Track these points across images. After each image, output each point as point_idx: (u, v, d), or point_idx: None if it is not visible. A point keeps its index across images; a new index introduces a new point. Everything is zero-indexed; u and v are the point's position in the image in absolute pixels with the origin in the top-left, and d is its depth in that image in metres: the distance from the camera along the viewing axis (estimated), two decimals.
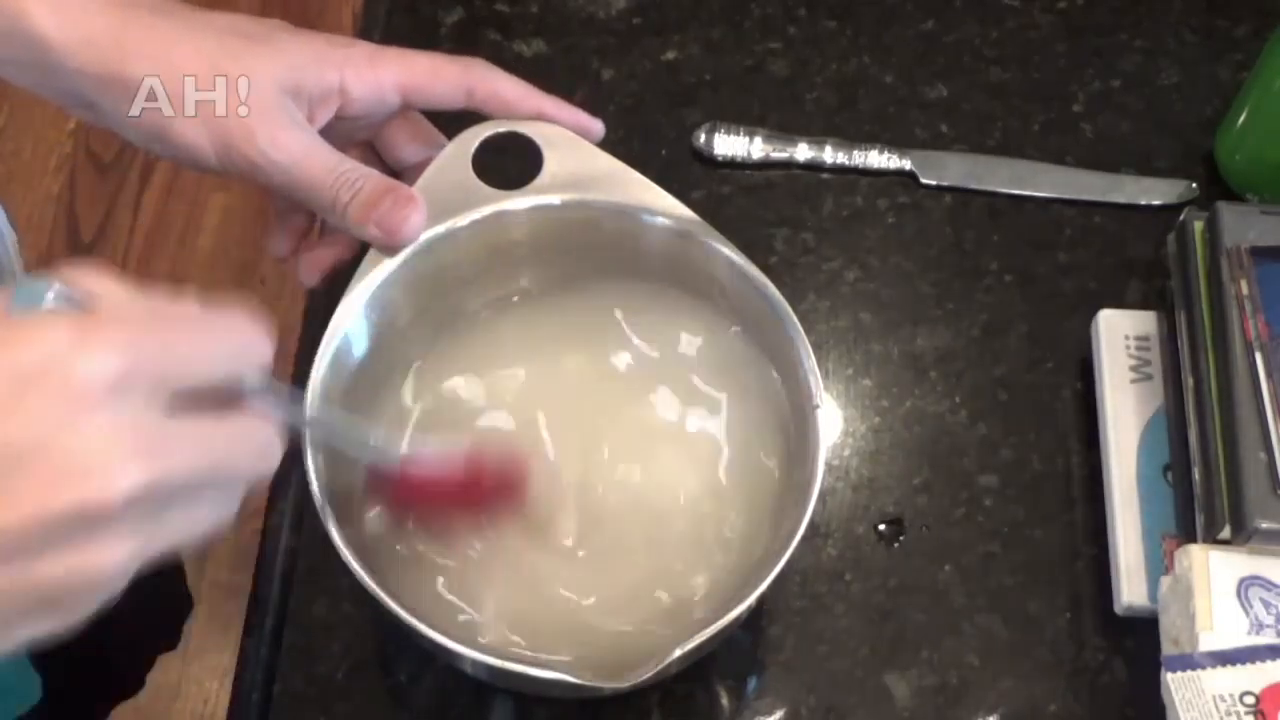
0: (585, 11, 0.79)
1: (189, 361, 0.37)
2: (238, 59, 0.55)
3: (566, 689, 0.51)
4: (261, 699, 0.60)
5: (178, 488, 0.36)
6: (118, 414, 0.34)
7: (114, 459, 0.34)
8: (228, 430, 0.39)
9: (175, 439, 0.36)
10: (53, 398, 0.34)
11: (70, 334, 0.35)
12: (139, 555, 0.36)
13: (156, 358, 0.36)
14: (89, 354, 0.34)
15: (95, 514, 0.34)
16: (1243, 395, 0.58)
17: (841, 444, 0.67)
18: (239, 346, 0.40)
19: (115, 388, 0.34)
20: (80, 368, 0.34)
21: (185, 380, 0.37)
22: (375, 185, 0.56)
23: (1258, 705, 0.54)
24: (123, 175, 1.73)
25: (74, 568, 0.34)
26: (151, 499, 0.35)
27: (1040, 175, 0.75)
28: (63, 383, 0.34)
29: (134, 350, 0.35)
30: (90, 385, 0.34)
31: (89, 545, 0.34)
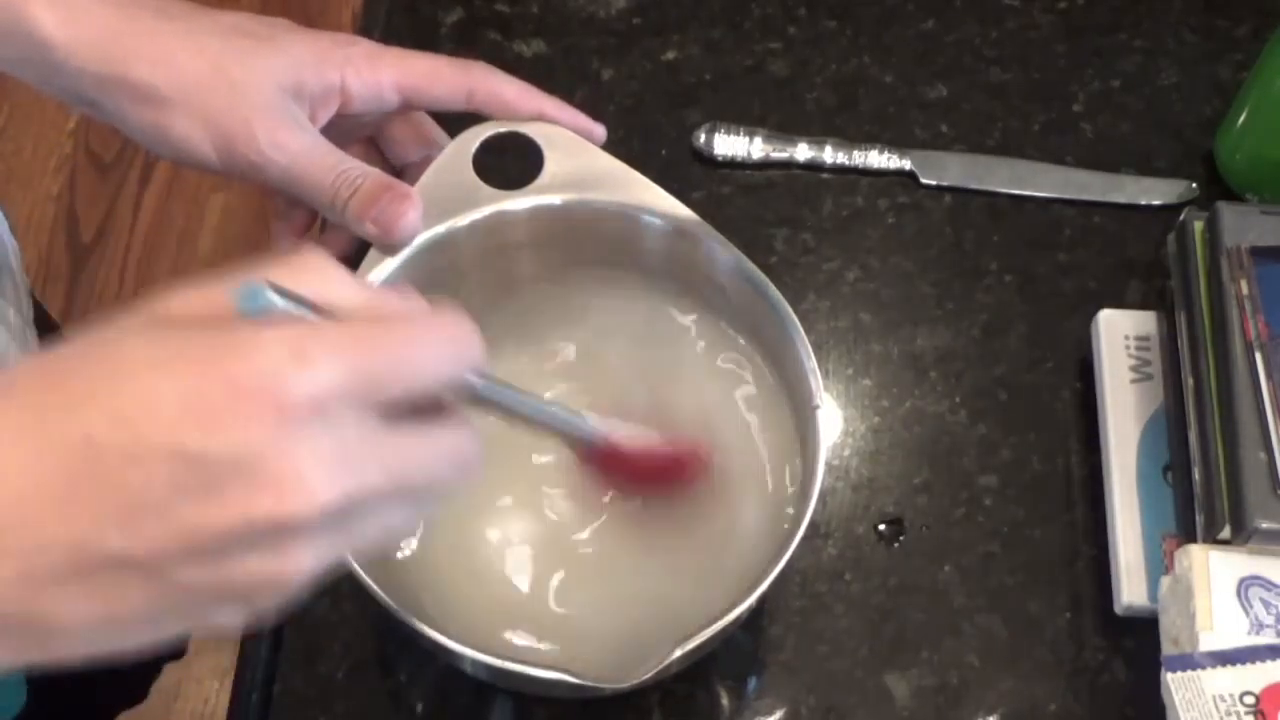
0: (585, 11, 0.79)
1: (403, 376, 0.38)
2: (240, 58, 0.55)
3: (567, 689, 0.51)
4: (261, 699, 0.60)
5: (375, 502, 0.37)
6: (324, 431, 0.35)
7: (315, 476, 0.35)
8: (431, 444, 0.39)
9: (377, 454, 0.37)
10: (263, 414, 0.34)
11: (288, 350, 0.35)
12: (327, 560, 0.37)
13: (371, 375, 0.37)
14: (303, 373, 0.35)
15: (290, 526, 0.35)
16: (1243, 395, 0.58)
17: (841, 444, 0.67)
18: (453, 354, 0.40)
19: (326, 405, 0.35)
20: (293, 387, 0.35)
21: (398, 393, 0.38)
22: (373, 183, 0.56)
23: (1258, 705, 0.54)
24: (123, 175, 1.73)
25: (265, 571, 0.36)
26: (348, 510, 0.36)
27: (1040, 175, 0.75)
28: (275, 400, 0.34)
29: (349, 369, 0.36)
30: (301, 404, 0.35)
31: (281, 552, 0.36)
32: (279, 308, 0.36)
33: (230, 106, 0.54)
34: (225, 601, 0.36)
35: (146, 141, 0.56)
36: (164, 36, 0.55)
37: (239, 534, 0.35)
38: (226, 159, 0.55)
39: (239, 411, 0.34)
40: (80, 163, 1.73)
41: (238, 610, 0.37)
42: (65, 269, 1.67)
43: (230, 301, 0.37)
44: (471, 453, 0.40)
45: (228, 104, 0.54)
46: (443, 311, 0.40)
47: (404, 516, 0.39)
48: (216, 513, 0.35)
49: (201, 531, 0.35)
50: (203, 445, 0.34)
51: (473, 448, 0.40)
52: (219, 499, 0.35)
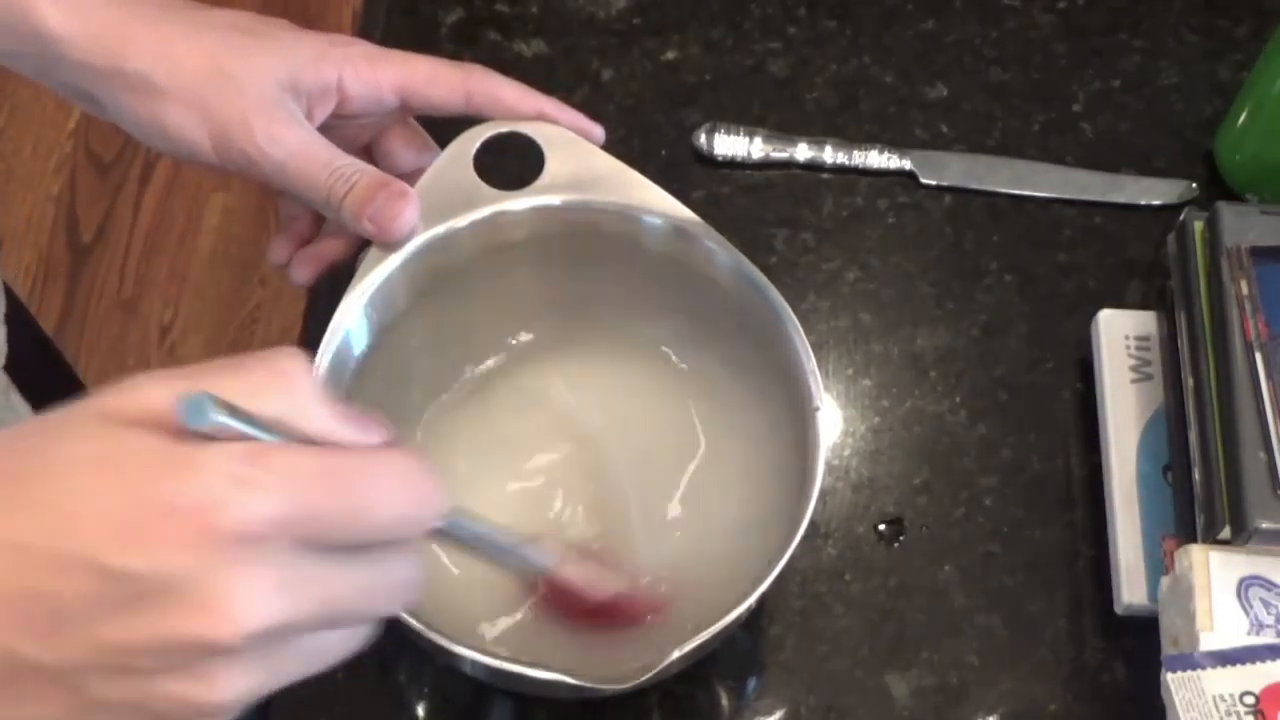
0: (585, 11, 0.79)
1: (352, 524, 0.36)
2: (238, 54, 0.55)
3: (567, 690, 0.51)
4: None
5: (303, 630, 0.36)
6: (258, 560, 0.34)
7: (243, 602, 0.34)
8: (374, 576, 0.37)
9: (313, 586, 0.35)
10: (195, 538, 0.33)
11: (230, 476, 0.34)
12: (258, 688, 0.36)
13: (316, 516, 0.35)
14: (243, 502, 0.34)
15: (212, 649, 0.34)
16: (1243, 395, 0.58)
17: (841, 444, 0.67)
18: (412, 508, 0.38)
19: (264, 536, 0.34)
20: (230, 514, 0.33)
21: (343, 540, 0.36)
22: (370, 180, 0.56)
23: (1258, 705, 0.54)
24: (123, 175, 1.73)
25: (184, 695, 0.35)
26: (278, 639, 0.35)
27: (1040, 175, 0.75)
28: (210, 526, 0.33)
29: (294, 504, 0.34)
30: (239, 531, 0.34)
31: (202, 676, 0.35)
32: (220, 427, 0.34)
33: (227, 101, 0.54)
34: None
35: (143, 134, 0.56)
36: (163, 30, 0.55)
37: (159, 655, 0.34)
38: (222, 153, 0.55)
39: (170, 533, 0.33)
40: (80, 163, 1.73)
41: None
42: (65, 269, 1.67)
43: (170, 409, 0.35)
44: (413, 579, 0.38)
45: (224, 98, 0.54)
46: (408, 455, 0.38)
47: (339, 644, 0.38)
48: (135, 630, 0.34)
49: (119, 647, 0.34)
50: (128, 563, 0.33)
51: (417, 577, 0.39)
52: (139, 617, 0.33)
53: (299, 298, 0.70)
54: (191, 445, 0.34)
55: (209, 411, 0.34)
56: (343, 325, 0.56)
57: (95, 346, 1.62)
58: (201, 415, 0.34)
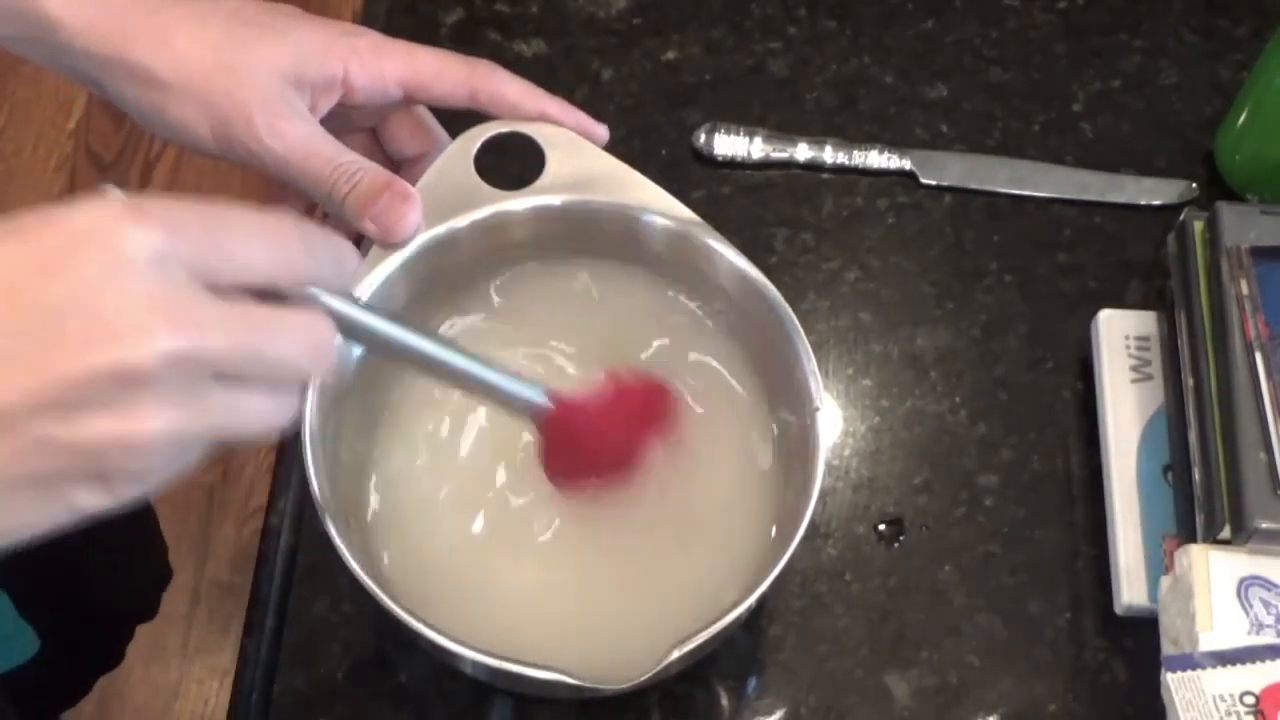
0: (585, 11, 0.79)
1: (232, 257, 0.39)
2: (242, 45, 0.55)
3: (566, 690, 0.51)
4: (261, 699, 0.60)
5: (219, 363, 0.38)
6: (158, 282, 0.37)
7: (150, 322, 0.36)
8: (276, 318, 0.39)
9: (217, 314, 0.38)
10: (97, 259, 0.36)
11: (122, 208, 0.37)
12: (179, 426, 0.37)
13: (202, 241, 0.38)
14: (136, 225, 0.36)
15: (129, 375, 0.36)
16: (1243, 395, 0.58)
17: (841, 444, 0.67)
18: (283, 252, 0.41)
19: (159, 259, 0.37)
20: (126, 235, 0.36)
21: (228, 270, 0.39)
22: (373, 179, 0.56)
23: (1258, 705, 0.54)
24: (123, 175, 1.73)
25: (112, 430, 0.36)
26: (190, 369, 0.37)
27: (1040, 175, 0.75)
28: (108, 246, 0.36)
29: (180, 230, 0.37)
30: (134, 252, 0.36)
31: (126, 408, 0.36)
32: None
33: (229, 92, 0.54)
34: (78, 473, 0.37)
35: (145, 123, 0.56)
36: (166, 20, 0.55)
37: (78, 386, 0.36)
38: (224, 144, 0.55)
39: (75, 258, 0.36)
40: (80, 163, 1.73)
41: (94, 488, 0.37)
42: None
43: None
44: (322, 335, 0.41)
45: (227, 90, 0.54)
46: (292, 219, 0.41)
47: (259, 402, 0.39)
48: (60, 360, 0.36)
49: (49, 379, 0.36)
50: (39, 292, 0.36)
51: (324, 331, 0.41)
52: (61, 346, 0.36)
53: None
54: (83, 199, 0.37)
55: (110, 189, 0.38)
56: None
57: None
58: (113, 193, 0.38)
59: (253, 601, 0.63)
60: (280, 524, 0.64)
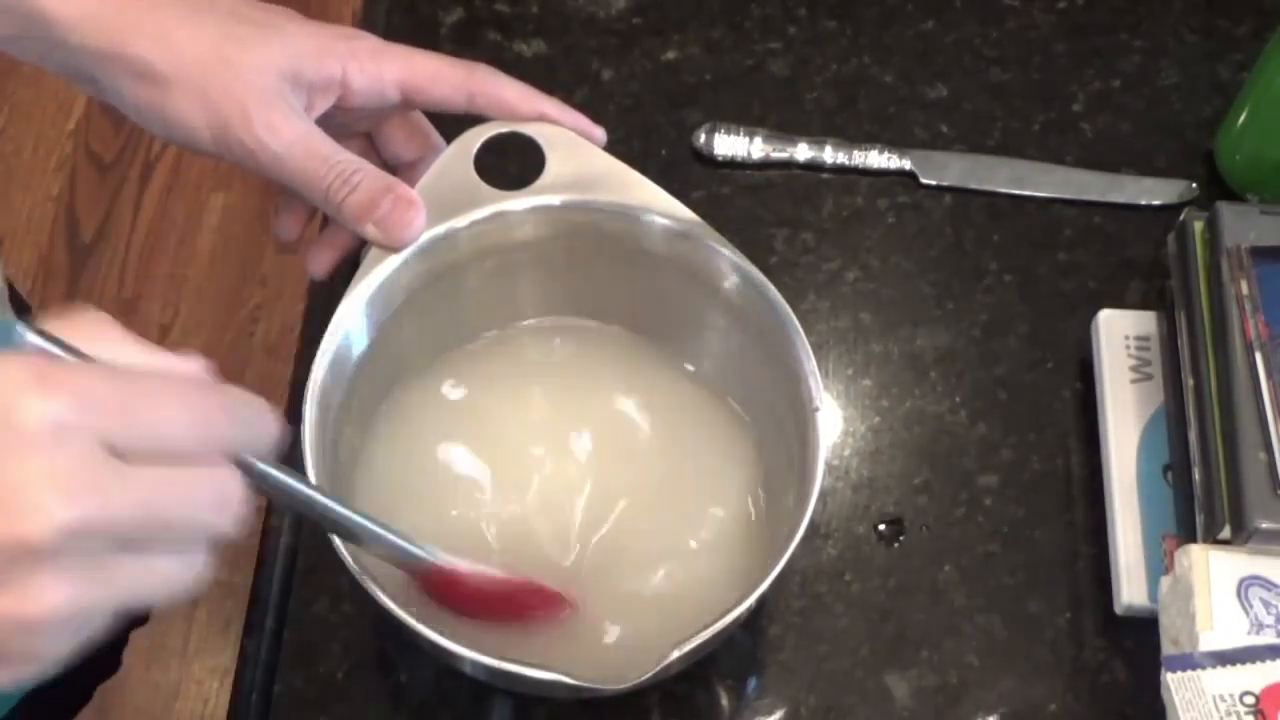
0: (585, 11, 0.79)
1: (143, 427, 0.36)
2: (240, 42, 0.55)
3: (566, 690, 0.51)
4: (261, 699, 0.60)
5: (120, 532, 0.35)
6: (58, 454, 0.34)
7: (46, 496, 0.34)
8: (182, 478, 0.37)
9: (117, 482, 0.35)
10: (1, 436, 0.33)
11: (25, 376, 0.34)
12: (81, 599, 0.35)
13: (112, 412, 0.35)
14: (38, 396, 0.34)
15: (24, 551, 0.33)
16: (1243, 395, 0.58)
17: (841, 444, 0.67)
18: (203, 424, 0.38)
19: (60, 430, 0.34)
20: (27, 408, 0.34)
21: (140, 440, 0.36)
22: (373, 183, 0.56)
23: (1258, 705, 0.54)
24: (123, 175, 1.73)
25: (10, 609, 0.34)
26: (90, 541, 0.34)
27: (1040, 175, 0.75)
28: (12, 421, 0.33)
29: (87, 401, 0.35)
30: (32, 426, 0.34)
31: (21, 585, 0.34)
32: (31, 343, 0.35)
33: (227, 89, 0.54)
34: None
35: (141, 119, 0.56)
36: (165, 15, 0.55)
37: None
38: (220, 141, 0.55)
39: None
40: (80, 163, 1.73)
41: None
42: (65, 269, 1.67)
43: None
44: (232, 491, 0.38)
45: (225, 86, 0.54)
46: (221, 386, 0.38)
47: (166, 564, 0.37)
48: None
49: None
50: None
51: (233, 486, 0.38)
52: None
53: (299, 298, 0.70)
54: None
55: (20, 331, 0.35)
56: (343, 325, 0.56)
57: None
58: (8, 335, 0.35)
59: (253, 601, 0.63)
60: (280, 524, 0.64)
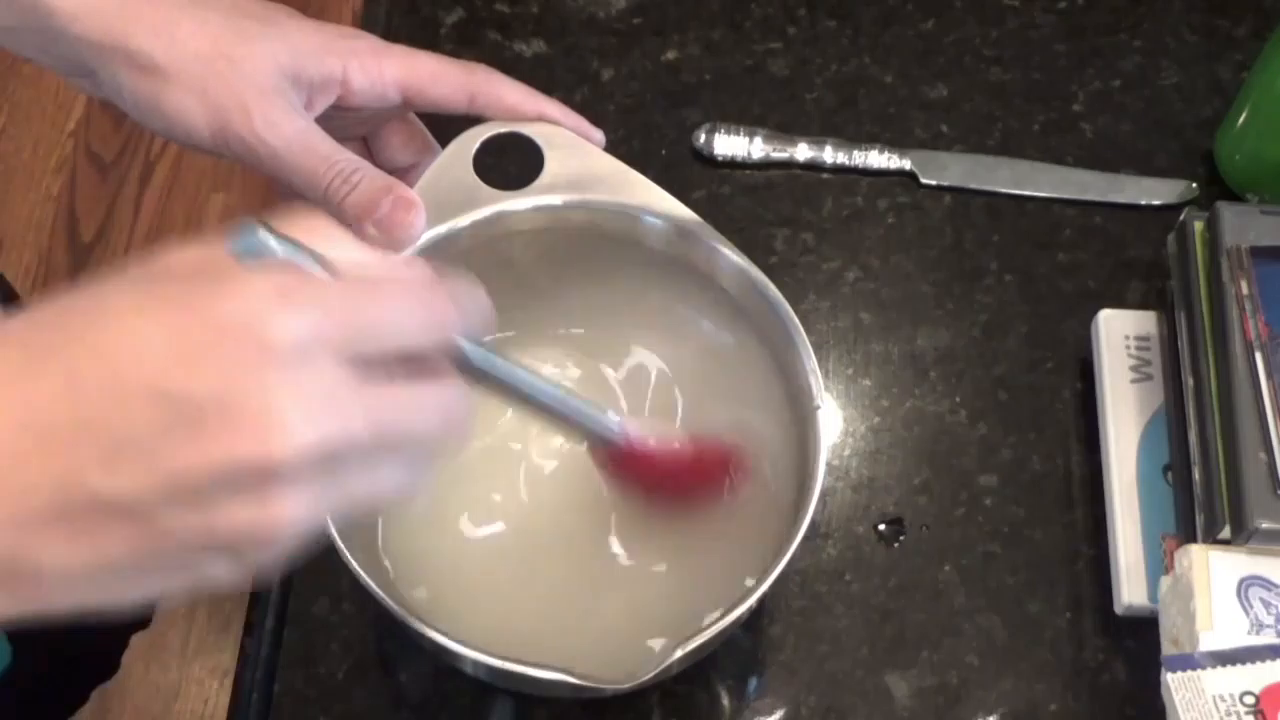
0: (585, 11, 0.79)
1: (381, 334, 0.38)
2: (241, 38, 0.55)
3: (567, 689, 0.51)
4: (261, 699, 0.60)
5: (356, 449, 0.37)
6: (303, 373, 0.35)
7: (293, 417, 0.35)
8: (412, 395, 0.39)
9: (357, 401, 0.37)
10: (243, 353, 0.35)
11: (272, 292, 0.35)
12: (316, 512, 0.37)
13: (350, 325, 0.37)
14: (284, 315, 0.35)
15: (270, 468, 0.35)
16: (1243, 395, 0.58)
17: (841, 444, 0.67)
18: (435, 321, 0.40)
19: (305, 348, 0.35)
20: (274, 327, 0.35)
21: (375, 349, 0.38)
22: (373, 184, 0.55)
23: (1258, 705, 0.54)
24: (123, 175, 1.73)
25: (249, 519, 0.35)
26: (329, 458, 0.36)
27: (1040, 175, 0.75)
28: (255, 340, 0.35)
29: (329, 316, 0.36)
30: (280, 344, 0.35)
31: (265, 498, 0.35)
32: (273, 249, 0.36)
33: (227, 83, 0.54)
34: (211, 552, 0.36)
35: (140, 114, 0.56)
36: (166, 9, 0.54)
37: (221, 476, 0.35)
38: (219, 137, 0.55)
39: (220, 351, 0.35)
40: (80, 163, 1.73)
41: (226, 564, 0.37)
42: (65, 269, 1.67)
43: (225, 250, 0.37)
44: (459, 408, 0.40)
45: (225, 81, 0.54)
46: (442, 278, 0.40)
47: (394, 475, 0.39)
48: (198, 453, 0.34)
49: (183, 473, 0.35)
50: (183, 384, 0.34)
51: (461, 403, 0.40)
52: (200, 440, 0.34)
53: None
54: (234, 271, 0.36)
55: (257, 234, 0.36)
56: None
57: None
58: (250, 239, 0.36)
59: (253, 601, 0.63)
60: None
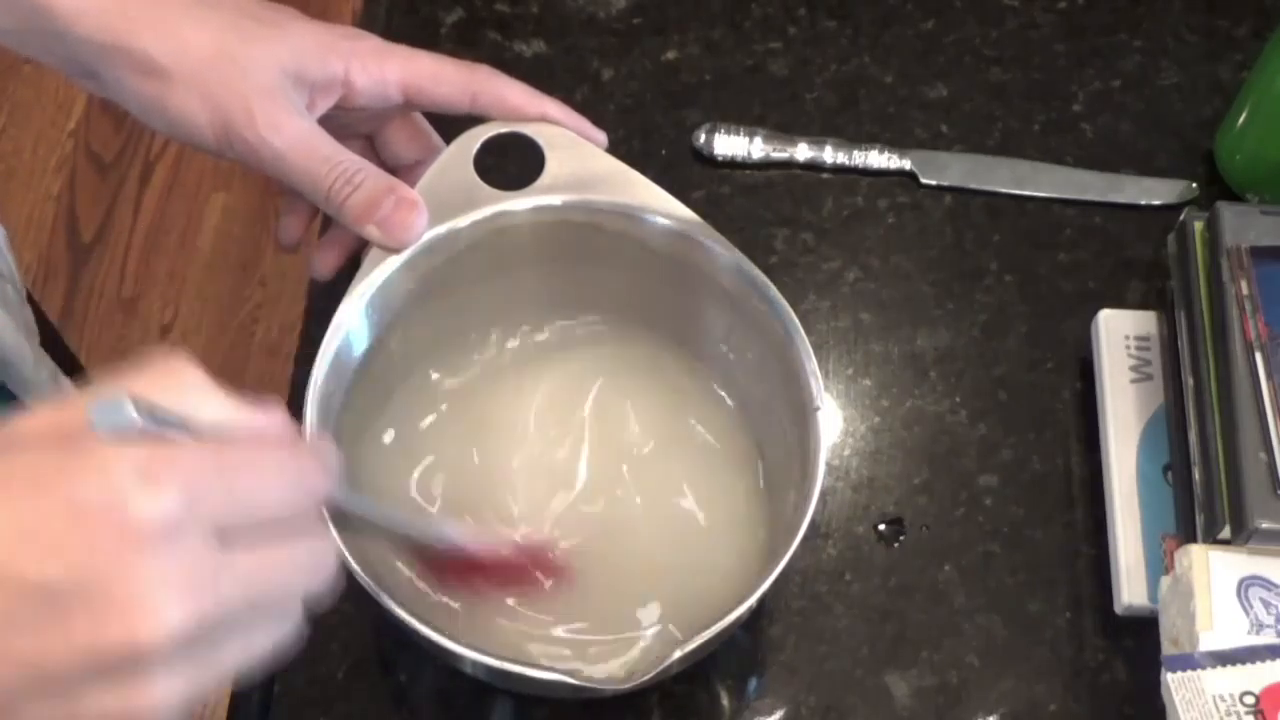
0: (585, 11, 0.79)
1: (248, 505, 0.37)
2: (244, 39, 0.55)
3: (567, 690, 0.51)
4: (261, 699, 0.60)
5: (230, 618, 0.36)
6: (168, 554, 0.34)
7: (159, 601, 0.34)
8: (280, 555, 0.37)
9: (225, 575, 0.35)
10: (107, 536, 0.33)
11: (134, 470, 0.34)
12: (189, 690, 0.35)
13: (215, 500, 0.35)
14: (147, 494, 0.34)
15: (138, 655, 0.33)
16: (1243, 395, 0.58)
17: (841, 444, 0.67)
18: (303, 489, 0.39)
19: (169, 528, 0.34)
20: (139, 508, 0.33)
21: (243, 520, 0.36)
22: (375, 184, 0.56)
23: (1258, 705, 0.54)
24: (123, 175, 1.73)
25: (119, 707, 0.34)
26: (199, 636, 0.35)
27: (1040, 175, 0.75)
28: (116, 522, 0.33)
29: (193, 493, 0.35)
30: (143, 526, 0.33)
31: (134, 685, 0.34)
32: (134, 420, 0.35)
33: (230, 85, 0.54)
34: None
35: (144, 114, 0.56)
36: (169, 10, 0.55)
37: (86, 665, 0.33)
38: (222, 138, 0.55)
39: (81, 536, 0.33)
40: (80, 163, 1.73)
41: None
42: (65, 269, 1.67)
43: (84, 417, 0.35)
44: (328, 560, 0.39)
45: (228, 82, 0.54)
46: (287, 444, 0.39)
47: (266, 635, 0.37)
48: (59, 644, 0.33)
49: (45, 664, 0.33)
50: (41, 572, 0.33)
51: (329, 555, 0.39)
52: (62, 629, 0.33)
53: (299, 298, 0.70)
54: (93, 447, 0.34)
55: (123, 410, 0.34)
56: (343, 325, 0.56)
57: (95, 346, 1.62)
58: (116, 415, 0.34)
59: None
60: None
